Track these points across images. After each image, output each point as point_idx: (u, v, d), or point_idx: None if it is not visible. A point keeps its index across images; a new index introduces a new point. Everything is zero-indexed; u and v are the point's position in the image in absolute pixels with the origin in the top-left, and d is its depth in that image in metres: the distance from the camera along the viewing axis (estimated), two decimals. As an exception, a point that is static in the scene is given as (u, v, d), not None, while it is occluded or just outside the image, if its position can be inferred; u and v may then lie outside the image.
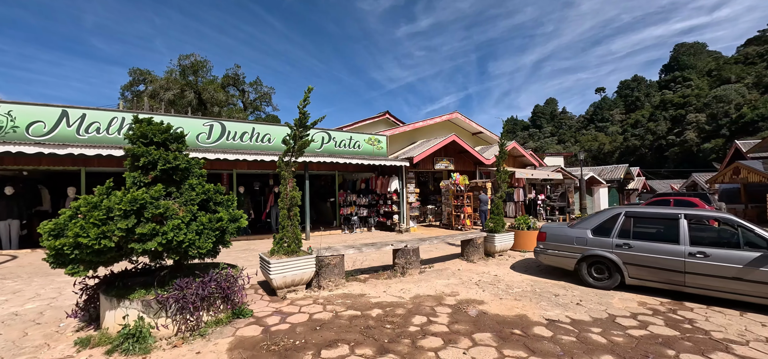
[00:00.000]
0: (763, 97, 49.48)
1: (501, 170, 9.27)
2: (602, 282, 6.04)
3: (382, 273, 7.21)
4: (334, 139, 13.85)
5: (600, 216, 6.32)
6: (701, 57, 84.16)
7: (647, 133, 64.13)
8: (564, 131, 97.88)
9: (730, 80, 61.55)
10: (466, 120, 18.68)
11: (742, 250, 4.95)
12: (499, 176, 9.26)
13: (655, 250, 5.54)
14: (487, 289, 6.09)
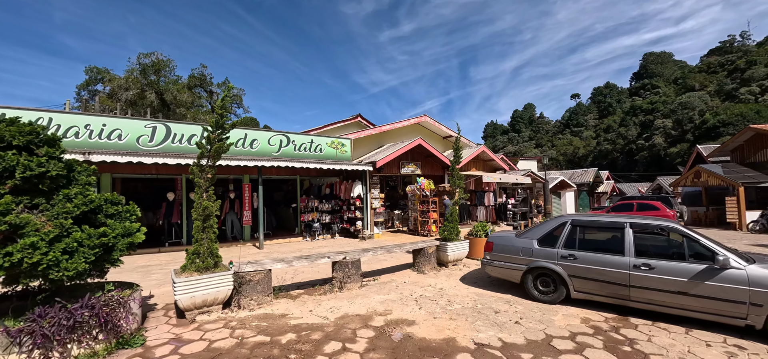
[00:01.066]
0: (724, 104, 51.39)
1: (455, 175, 8.76)
2: (548, 296, 5.55)
3: (319, 287, 6.55)
4: (293, 142, 13.13)
5: (547, 225, 5.85)
6: (668, 66, 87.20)
7: (619, 137, 65.72)
8: (541, 136, 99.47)
9: (694, 88, 63.77)
10: (436, 123, 18.25)
11: (688, 262, 4.54)
12: (453, 182, 8.76)
13: (599, 262, 5.09)
14: (426, 306, 5.51)
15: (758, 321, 4.09)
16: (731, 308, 4.22)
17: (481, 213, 19.36)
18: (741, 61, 61.08)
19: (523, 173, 19.42)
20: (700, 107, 53.55)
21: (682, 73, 78.66)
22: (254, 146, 12.24)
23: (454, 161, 8.86)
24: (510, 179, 17.16)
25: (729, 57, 68.79)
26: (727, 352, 3.91)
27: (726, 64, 65.89)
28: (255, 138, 12.28)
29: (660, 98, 66.58)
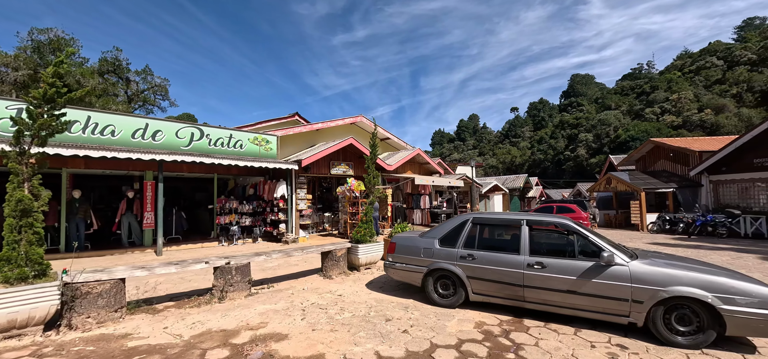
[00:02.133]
0: (633, 121, 57.90)
1: (371, 173, 8.18)
2: (448, 299, 5.09)
3: (196, 298, 5.50)
4: (208, 136, 11.74)
5: (449, 224, 5.42)
6: (591, 87, 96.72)
7: (549, 148, 71.08)
8: (484, 145, 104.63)
9: (610, 107, 71.17)
10: (372, 124, 17.73)
11: (577, 260, 4.30)
12: (367, 180, 8.17)
13: (496, 261, 4.72)
14: (311, 316, 4.76)
15: (640, 319, 3.92)
16: (615, 306, 4.02)
17: (417, 216, 19.16)
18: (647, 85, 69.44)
19: (457, 177, 19.63)
20: (614, 124, 59.73)
21: (602, 93, 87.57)
22: (157, 138, 10.68)
23: (371, 157, 8.28)
24: (444, 182, 17.16)
25: (638, 82, 77.94)
26: (610, 353, 3.66)
27: (635, 88, 74.54)
28: (158, 130, 10.73)
29: (584, 115, 73.30)
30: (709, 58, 64.39)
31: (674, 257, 4.47)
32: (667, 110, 55.19)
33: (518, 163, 77.06)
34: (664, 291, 3.77)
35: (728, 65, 59.81)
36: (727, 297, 3.56)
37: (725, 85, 54.72)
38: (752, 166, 15.29)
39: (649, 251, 4.79)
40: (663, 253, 4.91)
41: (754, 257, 9.24)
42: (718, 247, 11.35)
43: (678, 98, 54.43)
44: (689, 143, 19.81)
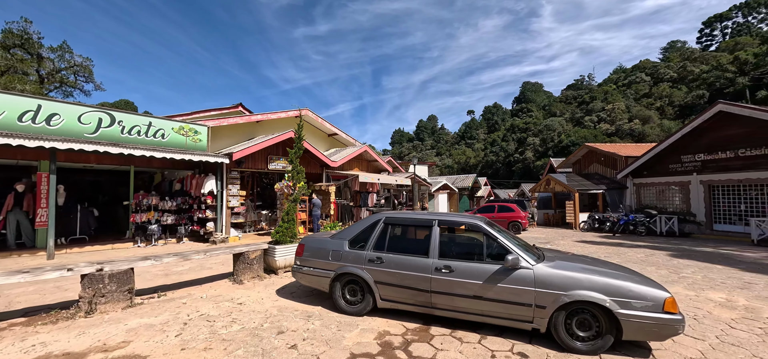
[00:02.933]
0: (574, 128, 62.15)
1: (295, 167, 7.52)
2: (356, 306, 4.61)
3: (56, 313, 4.52)
4: (120, 123, 10.33)
5: (360, 224, 4.95)
6: (540, 94, 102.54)
7: (501, 151, 74.25)
8: (441, 145, 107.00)
9: (556, 114, 75.86)
10: (318, 119, 16.96)
11: (485, 263, 3.99)
12: (293, 173, 7.50)
13: (404, 265, 4.31)
14: (190, 331, 4.04)
15: (542, 324, 3.69)
16: (520, 311, 3.76)
17: (364, 215, 18.68)
18: (587, 96, 74.87)
19: (406, 176, 19.45)
20: (558, 129, 63.72)
21: (549, 101, 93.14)
22: (54, 122, 9.16)
23: (295, 150, 7.61)
24: (390, 180, 16.84)
25: (579, 92, 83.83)
26: (509, 364, 3.36)
27: (577, 97, 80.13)
28: (55, 113, 9.20)
29: (532, 120, 77.44)
30: (639, 74, 70.84)
31: (582, 259, 4.33)
32: (603, 118, 59.83)
33: (472, 163, 79.62)
34: (566, 295, 3.56)
35: (654, 81, 66.21)
36: (625, 301, 3.41)
37: (651, 99, 60.45)
38: (668, 171, 16.63)
39: (559, 253, 4.64)
40: (572, 254, 4.80)
41: (664, 254, 9.85)
42: (636, 244, 12.08)
43: (612, 108, 59.21)
44: (617, 149, 21.26)
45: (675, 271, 7.65)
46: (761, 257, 9.58)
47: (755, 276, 7.21)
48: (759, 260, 9.12)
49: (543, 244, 12.24)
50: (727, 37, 69.87)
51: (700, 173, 15.40)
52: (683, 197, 16.03)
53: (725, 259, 9.18)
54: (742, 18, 70.97)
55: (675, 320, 3.30)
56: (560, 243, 12.51)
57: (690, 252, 10.29)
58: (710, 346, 3.81)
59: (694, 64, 60.66)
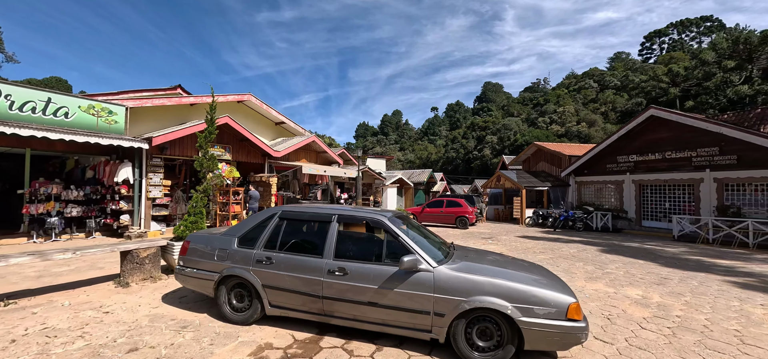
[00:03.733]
0: (529, 128, 64.89)
1: (205, 152, 6.62)
2: (243, 314, 3.92)
3: None
4: (8, 97, 8.72)
5: (254, 218, 4.24)
6: (499, 94, 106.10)
7: (461, 148, 75.88)
8: (405, 141, 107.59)
9: (513, 114, 78.79)
10: (263, 105, 15.80)
11: (383, 264, 3.46)
12: (198, 163, 6.60)
13: (295, 266, 3.69)
14: (12, 352, 3.14)
15: (441, 334, 3.23)
16: (418, 320, 3.28)
17: (314, 208, 17.86)
18: (541, 98, 78.48)
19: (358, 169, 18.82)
20: (515, 129, 66.18)
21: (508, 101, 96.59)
22: None
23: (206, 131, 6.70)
24: (338, 172, 16.13)
25: (535, 94, 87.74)
26: (397, 383, 2.85)
27: (533, 100, 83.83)
28: None
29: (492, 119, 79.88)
30: (588, 81, 75.35)
31: (493, 260, 3.91)
32: (554, 120, 62.92)
33: (434, 159, 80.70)
34: (466, 301, 3.12)
35: (600, 88, 70.73)
36: (527, 307, 3.02)
37: (597, 104, 64.50)
38: (605, 170, 17.41)
39: (472, 253, 4.24)
40: (487, 252, 4.42)
41: (595, 250, 10.08)
42: (572, 240, 12.40)
43: (563, 111, 62.44)
44: (562, 148, 22.06)
45: (601, 266, 7.71)
46: (679, 252, 10.09)
47: (672, 271, 7.42)
48: (677, 255, 9.56)
49: (486, 239, 12.20)
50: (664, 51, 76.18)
51: (632, 173, 16.23)
52: (618, 195, 16.86)
53: (648, 254, 9.53)
54: (677, 35, 77.66)
55: (578, 328, 2.96)
56: (502, 238, 12.54)
57: (618, 248, 10.63)
58: (617, 351, 3.57)
59: (635, 74, 65.49)
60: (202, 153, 6.64)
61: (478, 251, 4.33)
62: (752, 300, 5.46)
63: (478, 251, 4.34)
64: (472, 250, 4.36)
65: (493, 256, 4.14)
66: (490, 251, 4.51)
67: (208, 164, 6.58)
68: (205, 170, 6.61)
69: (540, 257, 8.84)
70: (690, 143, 14.19)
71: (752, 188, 12.60)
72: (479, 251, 4.35)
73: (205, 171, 6.63)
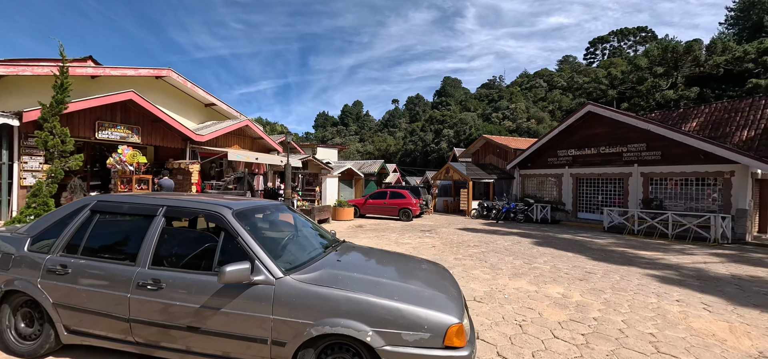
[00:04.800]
0: (483, 123, 66.78)
1: (51, 129, 5.21)
2: (30, 345, 2.78)
3: None
4: None
5: (59, 212, 3.07)
6: (458, 90, 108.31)
7: (420, 140, 76.43)
8: (365, 132, 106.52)
9: (470, 109, 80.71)
10: (187, 83, 13.95)
11: (212, 274, 2.50)
12: (39, 141, 5.18)
13: (98, 275, 2.63)
14: None
15: (287, 368, 2.35)
16: (254, 351, 2.37)
17: (250, 198, 16.38)
18: (496, 95, 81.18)
19: (301, 157, 17.56)
20: (471, 124, 67.77)
21: (465, 97, 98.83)
22: None
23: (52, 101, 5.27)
24: (275, 161, 14.79)
25: (491, 91, 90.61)
26: None
27: (489, 96, 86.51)
28: None
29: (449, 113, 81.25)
30: (538, 80, 79.03)
31: (364, 267, 3.05)
32: (507, 116, 65.26)
33: (392, 151, 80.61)
34: (314, 325, 2.26)
35: (549, 87, 74.49)
36: (393, 333, 2.23)
37: (546, 102, 67.82)
38: (547, 164, 17.72)
39: (357, 251, 3.43)
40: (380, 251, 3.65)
41: (529, 242, 9.89)
42: (511, 232, 12.27)
43: (515, 108, 64.91)
44: (508, 142, 22.35)
45: (530, 261, 7.37)
46: (607, 243, 10.20)
47: (597, 264, 7.24)
48: (605, 247, 9.61)
49: (424, 232, 11.66)
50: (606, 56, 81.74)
51: (570, 166, 16.62)
52: (557, 188, 17.24)
53: (578, 246, 9.47)
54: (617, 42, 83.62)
55: (458, 358, 2.23)
56: (442, 231, 12.09)
57: (552, 240, 10.56)
58: (520, 371, 2.93)
59: (580, 76, 69.64)
60: (47, 128, 5.20)
61: (366, 252, 3.52)
62: (669, 295, 5.25)
63: (367, 251, 3.54)
64: (358, 250, 3.54)
65: (379, 257, 3.35)
66: (386, 251, 3.73)
67: (54, 141, 5.17)
68: (53, 150, 5.18)
69: (472, 251, 8.38)
70: (622, 139, 14.68)
71: (673, 182, 13.25)
72: (368, 251, 3.55)
73: (54, 152, 5.20)
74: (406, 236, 10.65)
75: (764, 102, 13.56)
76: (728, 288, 5.75)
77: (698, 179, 12.60)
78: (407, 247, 8.74)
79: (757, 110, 13.38)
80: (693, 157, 12.52)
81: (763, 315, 4.55)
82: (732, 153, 11.39)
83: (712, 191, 12.26)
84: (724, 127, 13.77)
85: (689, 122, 15.19)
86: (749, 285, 6.01)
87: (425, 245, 8.98)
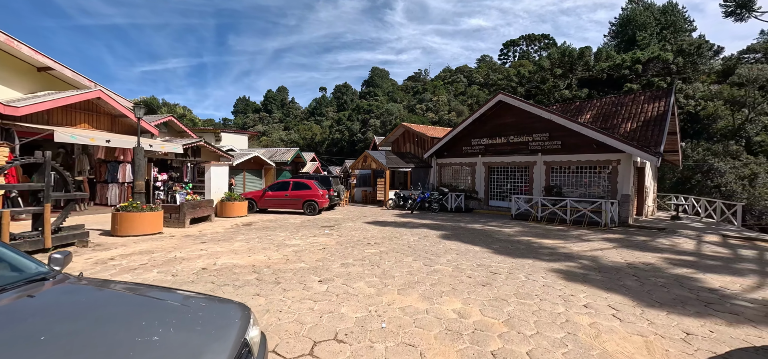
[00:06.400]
0: (408, 114, 67.76)
1: None
2: None
3: None
4: None
5: None
6: (386, 81, 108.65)
7: (347, 130, 74.52)
8: (290, 120, 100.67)
9: (396, 100, 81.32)
10: (13, 42, 9.96)
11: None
12: None
13: None
14: None
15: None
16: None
17: (113, 193, 12.85)
18: (421, 87, 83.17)
19: (186, 144, 14.39)
20: (397, 114, 68.14)
21: (393, 88, 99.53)
22: None
23: None
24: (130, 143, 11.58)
25: (417, 84, 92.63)
26: None
27: (414, 88, 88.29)
28: None
29: (376, 103, 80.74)
30: (459, 75, 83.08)
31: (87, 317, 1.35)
32: (430, 108, 67.08)
33: (318, 140, 77.39)
34: None
35: (469, 83, 78.78)
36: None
37: (465, 97, 71.47)
38: (461, 152, 17.45)
39: (61, 291, 1.60)
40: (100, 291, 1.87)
41: (437, 235, 8.94)
42: (423, 223, 11.35)
43: (437, 100, 67.02)
44: (426, 130, 21.87)
45: (432, 261, 6.23)
46: (514, 232, 9.80)
47: (503, 260, 6.41)
48: (512, 236, 9.13)
49: (324, 228, 10.01)
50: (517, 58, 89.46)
51: (483, 155, 16.54)
52: (471, 177, 17.10)
53: (486, 237, 8.79)
54: (526, 46, 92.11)
55: None
56: (347, 226, 10.58)
57: (461, 231, 9.79)
58: None
59: (495, 73, 74.95)
60: None
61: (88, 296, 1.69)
62: (575, 299, 4.43)
63: (89, 296, 1.71)
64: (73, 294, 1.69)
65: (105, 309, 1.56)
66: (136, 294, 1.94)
67: None
68: None
69: (369, 252, 6.98)
70: (528, 128, 14.86)
71: (571, 170, 13.74)
72: (90, 298, 1.72)
73: None
74: (298, 234, 8.86)
75: (643, 98, 14.88)
76: (629, 281, 5.26)
77: (591, 167, 13.22)
78: (290, 250, 6.99)
79: (638, 104, 14.58)
80: (587, 146, 13.06)
81: (671, 317, 3.91)
82: (620, 143, 12.00)
83: (602, 179, 12.95)
84: (611, 119, 14.76)
85: (584, 114, 16.11)
86: (646, 275, 5.65)
87: (314, 247, 7.33)
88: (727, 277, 5.65)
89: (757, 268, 6.34)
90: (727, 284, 5.27)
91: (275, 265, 5.78)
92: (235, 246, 7.24)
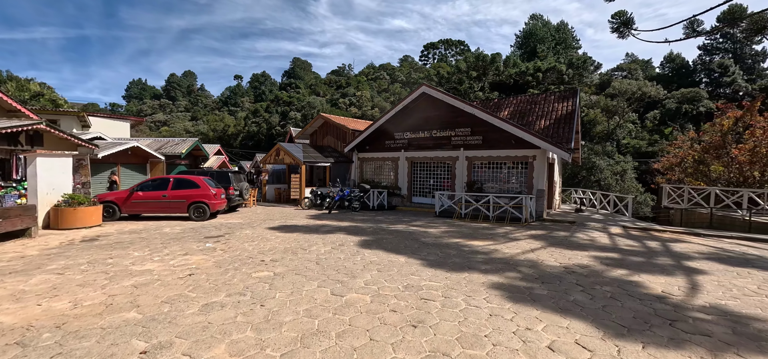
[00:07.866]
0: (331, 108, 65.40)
1: None
2: None
3: None
4: None
5: None
6: (308, 73, 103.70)
7: (265, 122, 68.53)
8: (199, 109, 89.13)
9: (319, 94, 77.90)
10: None
11: None
12: None
13: None
14: None
15: None
16: None
17: None
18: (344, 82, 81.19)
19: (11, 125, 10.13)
20: (319, 108, 65.06)
21: (316, 81, 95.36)
22: None
23: None
24: None
25: (340, 78, 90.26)
26: None
27: (338, 82, 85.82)
28: None
29: (298, 96, 76.14)
30: (382, 73, 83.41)
31: None
32: (353, 103, 65.67)
33: (231, 133, 69.71)
34: None
35: (391, 80, 79.56)
36: None
37: (388, 94, 71.89)
38: (384, 147, 16.20)
39: None
40: None
41: (355, 242, 7.32)
42: (340, 224, 9.65)
43: (361, 96, 65.95)
44: (347, 122, 20.22)
45: (343, 288, 4.56)
46: (441, 233, 8.75)
47: (434, 275, 5.08)
48: (439, 238, 8.02)
49: (212, 237, 7.59)
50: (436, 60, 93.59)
51: (406, 150, 15.55)
52: (394, 172, 16.00)
53: (412, 242, 7.49)
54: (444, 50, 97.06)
55: None
56: (243, 234, 8.27)
57: (384, 236, 8.34)
58: None
59: (416, 73, 77.05)
60: None
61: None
62: (535, 334, 3.23)
63: None
64: None
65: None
66: None
67: None
68: None
69: (256, 277, 5.01)
70: (451, 123, 14.27)
71: (491, 166, 13.51)
72: None
73: None
74: (163, 252, 6.33)
75: (553, 97, 15.52)
76: (577, 295, 4.37)
77: (510, 162, 13.14)
78: (130, 283, 4.61)
79: (549, 103, 15.12)
80: (507, 142, 12.91)
81: (650, 353, 2.91)
82: (537, 139, 12.01)
83: (520, 174, 12.94)
84: (527, 116, 15.05)
85: (502, 110, 16.26)
86: (588, 283, 4.89)
87: (175, 273, 5.03)
88: (660, 278, 5.22)
89: (673, 262, 6.22)
90: (666, 287, 4.76)
91: (80, 318, 3.45)
92: (31, 283, 4.52)
